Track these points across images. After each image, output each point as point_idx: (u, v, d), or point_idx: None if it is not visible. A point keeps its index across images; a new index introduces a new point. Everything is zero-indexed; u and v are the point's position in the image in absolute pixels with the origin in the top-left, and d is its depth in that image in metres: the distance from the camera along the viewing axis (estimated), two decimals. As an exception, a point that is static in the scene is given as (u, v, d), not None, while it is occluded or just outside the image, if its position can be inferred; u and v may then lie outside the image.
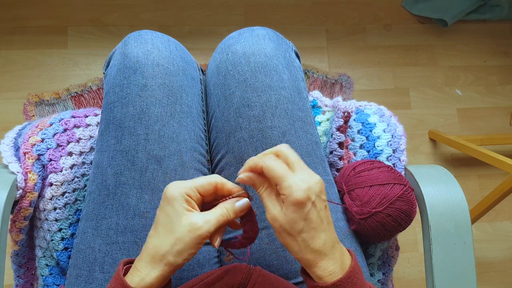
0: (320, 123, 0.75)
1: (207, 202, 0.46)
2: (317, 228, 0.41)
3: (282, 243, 0.43)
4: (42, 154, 0.64)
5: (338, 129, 0.70)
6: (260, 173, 0.43)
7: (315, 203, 0.40)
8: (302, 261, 0.42)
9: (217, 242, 0.45)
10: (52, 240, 0.65)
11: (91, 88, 1.31)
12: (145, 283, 0.42)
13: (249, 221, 0.47)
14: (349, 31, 1.48)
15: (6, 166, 0.62)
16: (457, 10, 1.46)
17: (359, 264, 0.44)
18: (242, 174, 0.44)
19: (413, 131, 1.43)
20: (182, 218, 0.42)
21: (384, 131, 0.72)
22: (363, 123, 0.72)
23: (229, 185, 0.45)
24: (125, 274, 0.44)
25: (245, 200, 0.45)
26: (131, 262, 0.46)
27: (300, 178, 0.40)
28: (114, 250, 0.56)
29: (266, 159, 0.42)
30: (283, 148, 0.43)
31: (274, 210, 0.41)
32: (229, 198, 0.45)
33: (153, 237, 0.43)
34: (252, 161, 0.44)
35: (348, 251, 0.45)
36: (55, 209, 0.64)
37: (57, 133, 0.66)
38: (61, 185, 0.64)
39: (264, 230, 0.59)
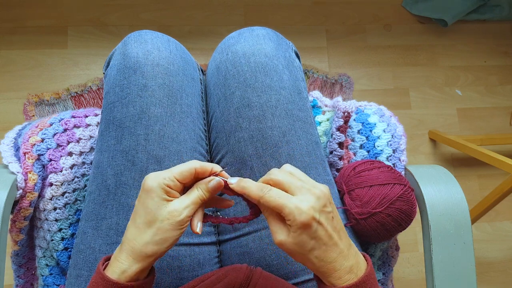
0: (320, 123, 0.75)
1: (189, 186, 0.46)
2: (327, 243, 0.41)
3: (296, 261, 0.42)
4: (42, 154, 0.64)
5: (338, 129, 0.70)
6: None
7: (320, 221, 0.40)
8: (317, 273, 0.42)
9: (198, 228, 0.44)
10: (52, 240, 0.65)
11: (91, 88, 1.31)
12: (127, 275, 0.42)
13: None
14: (349, 31, 1.48)
15: (6, 166, 0.62)
16: (457, 10, 1.46)
17: (373, 269, 0.44)
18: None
19: (413, 131, 1.43)
20: (161, 209, 0.42)
21: (384, 131, 0.72)
22: (363, 123, 0.72)
23: (209, 167, 0.44)
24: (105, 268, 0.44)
25: (217, 180, 0.44)
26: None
27: (301, 199, 0.40)
28: (114, 250, 0.56)
29: (262, 194, 0.41)
30: (273, 176, 0.43)
31: (280, 235, 0.41)
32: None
33: (132, 229, 0.43)
34: (250, 192, 0.42)
35: (364, 256, 0.45)
36: (55, 209, 0.64)
37: (57, 133, 0.66)
38: (61, 185, 0.64)
39: (264, 231, 0.59)
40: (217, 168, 0.45)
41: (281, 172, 0.44)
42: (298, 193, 0.41)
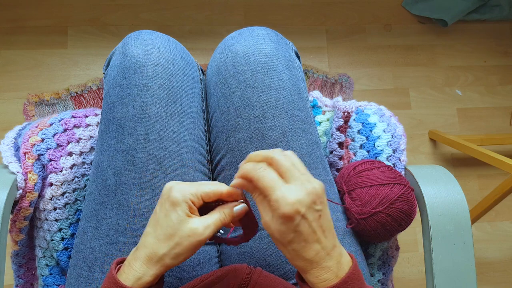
0: (320, 123, 0.75)
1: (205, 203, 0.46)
2: (308, 240, 0.40)
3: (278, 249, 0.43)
4: (42, 154, 0.64)
5: (338, 129, 0.70)
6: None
7: (305, 216, 0.39)
8: (296, 267, 0.42)
9: None
10: (52, 240, 0.65)
11: (91, 88, 1.31)
12: (141, 282, 0.42)
13: (248, 221, 0.47)
14: (349, 31, 1.48)
15: (6, 166, 0.62)
16: (457, 10, 1.46)
17: (359, 270, 0.43)
18: (235, 181, 0.44)
19: (413, 131, 1.43)
20: (183, 224, 0.42)
21: (384, 131, 0.72)
22: (363, 123, 0.73)
23: (235, 193, 0.45)
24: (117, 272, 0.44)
25: (242, 206, 0.45)
26: (123, 261, 0.46)
27: (290, 190, 0.39)
28: (115, 250, 0.56)
29: (257, 169, 0.41)
30: (276, 154, 0.42)
31: (266, 217, 0.41)
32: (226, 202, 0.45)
33: (151, 237, 0.43)
34: (244, 169, 0.43)
35: (350, 255, 0.44)
36: (55, 209, 0.64)
37: (57, 133, 0.66)
38: (61, 185, 0.64)
39: (264, 231, 0.59)
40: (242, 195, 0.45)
41: (284, 155, 0.42)
42: (292, 182, 0.40)
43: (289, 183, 0.40)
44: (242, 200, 0.45)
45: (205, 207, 0.45)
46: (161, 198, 0.44)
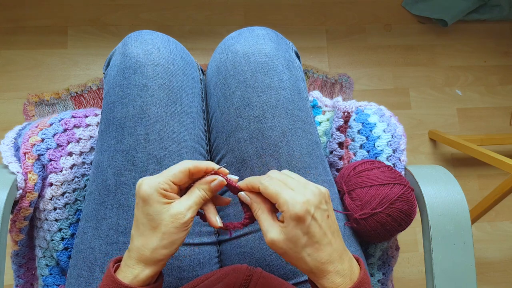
0: (320, 123, 0.75)
1: (185, 187, 0.45)
2: (320, 241, 0.40)
3: (289, 262, 0.42)
4: (42, 154, 0.64)
5: (338, 129, 0.70)
6: (257, 193, 0.43)
7: (314, 216, 0.39)
8: (310, 275, 0.42)
9: (218, 222, 0.45)
10: (52, 240, 0.65)
11: (91, 88, 1.31)
12: (139, 279, 0.42)
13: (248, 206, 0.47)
14: (349, 31, 1.48)
15: (6, 166, 0.62)
16: (457, 10, 1.46)
17: (367, 273, 0.43)
18: (243, 192, 0.44)
19: (413, 131, 1.43)
20: (164, 214, 0.42)
21: (384, 131, 0.72)
22: (363, 123, 0.73)
23: (203, 166, 0.44)
24: (115, 271, 0.44)
25: (219, 180, 0.44)
26: (120, 260, 0.46)
27: (297, 192, 0.40)
28: (115, 250, 0.56)
29: (261, 179, 0.42)
30: (272, 174, 0.44)
31: (271, 233, 0.40)
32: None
33: (138, 237, 0.43)
34: (249, 182, 0.44)
35: (357, 259, 0.44)
36: (55, 209, 0.64)
37: (57, 133, 0.66)
38: (61, 185, 0.64)
39: (264, 230, 0.59)
40: (213, 166, 0.45)
41: (279, 172, 0.44)
42: (296, 186, 0.41)
43: (294, 188, 0.41)
44: (216, 170, 0.45)
45: (187, 188, 0.45)
46: (135, 198, 0.44)
